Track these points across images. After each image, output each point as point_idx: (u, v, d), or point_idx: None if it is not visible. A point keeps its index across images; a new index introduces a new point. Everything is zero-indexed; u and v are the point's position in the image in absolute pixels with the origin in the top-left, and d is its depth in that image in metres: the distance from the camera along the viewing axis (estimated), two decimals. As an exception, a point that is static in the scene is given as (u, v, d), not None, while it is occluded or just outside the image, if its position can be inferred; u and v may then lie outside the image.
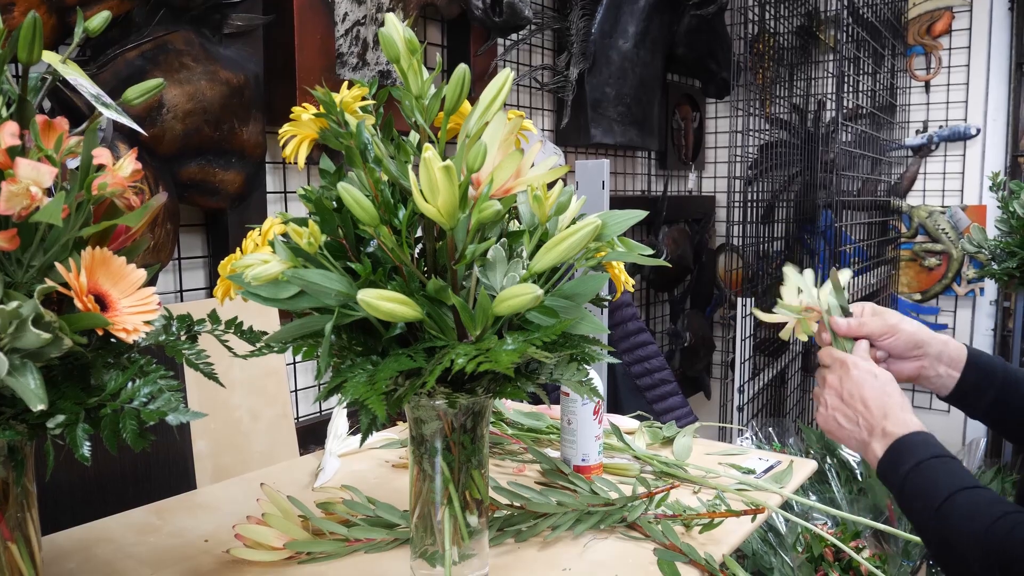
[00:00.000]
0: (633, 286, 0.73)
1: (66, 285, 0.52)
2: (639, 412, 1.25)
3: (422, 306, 0.54)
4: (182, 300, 1.36)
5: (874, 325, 0.80)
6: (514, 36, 1.85)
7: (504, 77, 0.57)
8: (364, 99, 0.63)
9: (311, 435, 1.38)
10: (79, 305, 0.51)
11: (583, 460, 0.98)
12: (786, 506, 1.01)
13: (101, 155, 0.53)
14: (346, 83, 0.63)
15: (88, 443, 0.49)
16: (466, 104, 0.61)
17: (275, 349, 0.61)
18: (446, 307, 0.56)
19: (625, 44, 2.12)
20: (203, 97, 1.24)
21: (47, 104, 1.07)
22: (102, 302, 0.55)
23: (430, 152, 0.50)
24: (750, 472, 1.03)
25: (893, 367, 0.81)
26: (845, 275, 0.83)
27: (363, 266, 0.56)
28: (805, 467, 1.07)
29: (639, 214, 0.62)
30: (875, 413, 0.73)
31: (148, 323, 0.55)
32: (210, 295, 1.41)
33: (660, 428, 1.16)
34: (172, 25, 1.22)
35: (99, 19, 0.61)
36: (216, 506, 0.90)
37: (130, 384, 0.52)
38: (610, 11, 2.04)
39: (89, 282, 0.54)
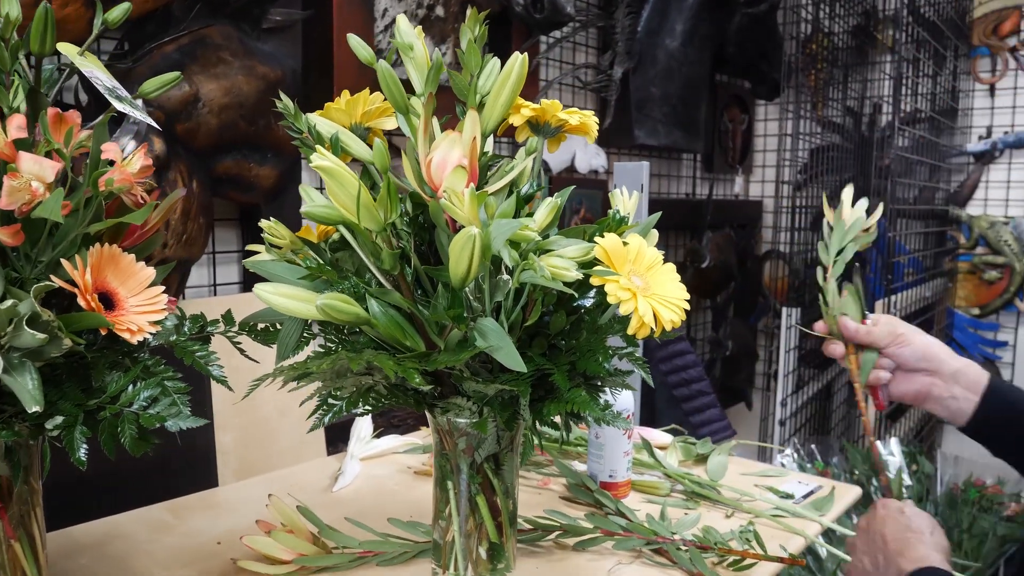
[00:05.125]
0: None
1: (73, 282, 0.51)
2: (674, 426, 1.21)
3: (385, 310, 0.52)
4: (215, 294, 1.36)
5: (880, 331, 0.75)
6: (556, 33, 1.81)
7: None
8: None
9: (341, 433, 1.37)
10: (82, 303, 0.49)
11: (610, 476, 0.94)
12: (826, 532, 0.95)
13: (109, 150, 0.51)
14: (366, 91, 0.61)
15: (85, 447, 0.48)
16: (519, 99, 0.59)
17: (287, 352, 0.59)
18: (408, 315, 0.54)
19: (672, 43, 2.06)
20: (239, 92, 1.23)
21: (84, 98, 1.08)
22: (109, 300, 0.54)
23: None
24: (788, 497, 0.98)
25: (901, 383, 0.76)
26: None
27: (319, 263, 0.55)
28: (848, 494, 1.01)
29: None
30: (891, 549, 0.69)
31: (155, 323, 0.54)
32: (244, 290, 1.41)
33: (694, 444, 1.11)
34: (210, 19, 1.22)
35: (119, 11, 0.59)
36: (233, 506, 0.89)
37: (130, 387, 0.50)
38: (657, 9, 1.99)
39: (97, 279, 0.53)
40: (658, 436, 1.16)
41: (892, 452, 1.99)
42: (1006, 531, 1.78)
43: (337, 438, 1.35)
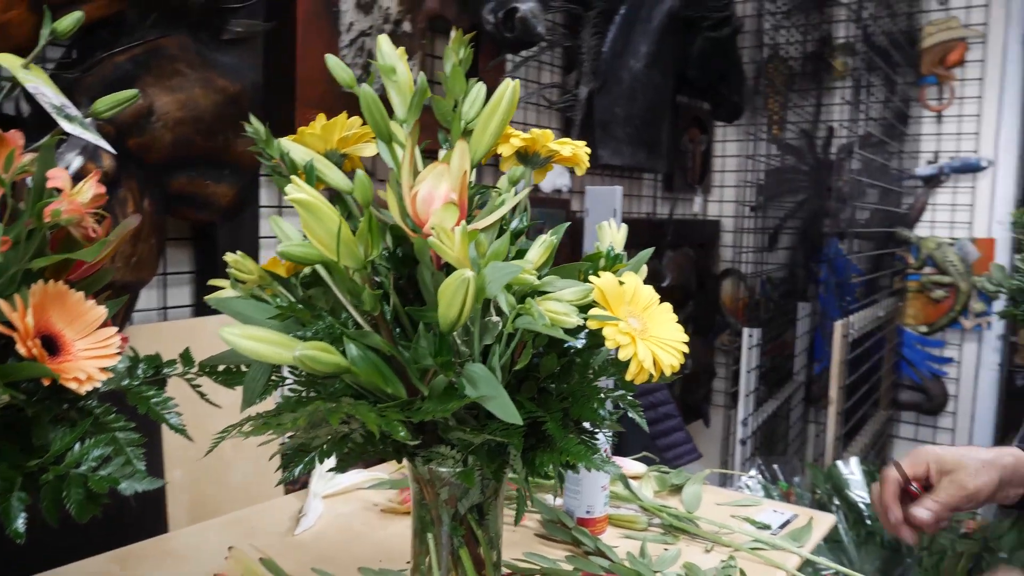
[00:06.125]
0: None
1: (12, 325, 0.45)
2: (645, 453, 1.18)
3: (364, 353, 0.47)
4: (166, 319, 1.29)
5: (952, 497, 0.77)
6: (524, 52, 1.79)
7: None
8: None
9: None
10: (22, 351, 0.44)
11: (588, 512, 0.90)
12: (805, 564, 0.93)
13: (57, 177, 0.46)
14: (344, 115, 0.57)
15: (24, 515, 0.42)
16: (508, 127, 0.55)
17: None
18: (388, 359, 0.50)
19: (636, 64, 2.06)
20: (196, 106, 1.17)
21: (26, 108, 1.00)
22: (54, 344, 0.48)
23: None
24: (765, 528, 0.96)
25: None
26: None
27: (291, 302, 0.50)
28: (824, 522, 1.00)
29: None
30: None
31: (106, 369, 0.48)
32: (196, 314, 1.33)
33: (668, 474, 1.09)
34: (167, 29, 1.15)
35: (70, 20, 0.54)
36: (187, 555, 0.83)
37: (78, 445, 0.45)
38: (622, 30, 1.99)
39: (40, 321, 0.47)
40: (631, 466, 1.13)
41: (852, 471, 2.01)
42: (964, 548, 1.80)
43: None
